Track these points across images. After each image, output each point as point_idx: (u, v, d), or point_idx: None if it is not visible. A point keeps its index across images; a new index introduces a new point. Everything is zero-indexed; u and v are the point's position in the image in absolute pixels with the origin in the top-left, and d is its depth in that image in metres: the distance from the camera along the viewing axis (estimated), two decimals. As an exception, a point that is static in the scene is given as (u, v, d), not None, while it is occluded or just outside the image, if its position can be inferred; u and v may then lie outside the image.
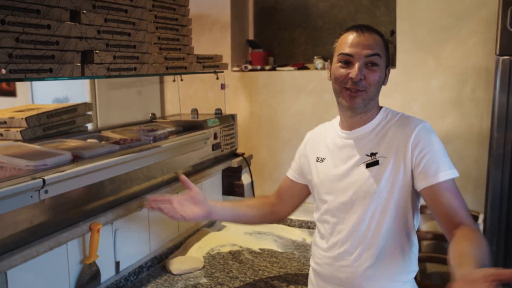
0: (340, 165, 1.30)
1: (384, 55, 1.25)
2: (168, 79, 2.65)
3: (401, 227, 1.25)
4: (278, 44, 3.16)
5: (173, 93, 2.76)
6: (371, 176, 1.23)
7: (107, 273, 1.58)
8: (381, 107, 1.33)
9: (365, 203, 1.24)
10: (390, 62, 1.33)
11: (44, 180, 1.25)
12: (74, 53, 1.48)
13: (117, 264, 1.63)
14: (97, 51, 1.55)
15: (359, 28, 1.25)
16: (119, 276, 1.61)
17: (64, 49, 1.45)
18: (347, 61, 1.24)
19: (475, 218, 2.45)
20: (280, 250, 1.89)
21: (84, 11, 1.52)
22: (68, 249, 1.44)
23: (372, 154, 1.25)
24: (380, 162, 1.23)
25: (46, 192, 1.27)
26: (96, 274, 1.53)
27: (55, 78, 1.47)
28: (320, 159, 1.37)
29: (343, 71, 1.24)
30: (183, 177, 1.50)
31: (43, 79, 1.46)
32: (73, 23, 1.48)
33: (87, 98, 2.21)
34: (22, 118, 1.65)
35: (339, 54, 1.26)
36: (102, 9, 1.60)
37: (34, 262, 1.31)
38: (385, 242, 1.24)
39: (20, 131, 1.63)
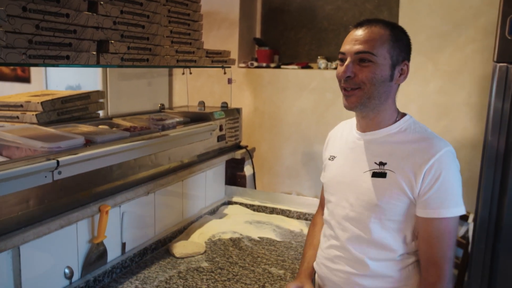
0: (347, 167, 1.26)
1: (388, 51, 1.14)
2: (177, 71, 2.72)
3: (400, 244, 1.19)
4: (284, 43, 3.24)
5: (181, 85, 2.83)
6: (375, 187, 1.17)
7: (113, 253, 1.65)
8: (404, 114, 1.25)
9: (365, 212, 1.19)
10: (406, 60, 1.19)
11: (58, 162, 1.31)
12: (91, 42, 1.54)
13: (123, 245, 1.70)
14: (112, 41, 1.61)
15: (360, 23, 1.18)
16: (124, 257, 1.68)
17: (81, 37, 1.51)
18: (342, 59, 1.19)
19: (465, 217, 2.53)
20: (278, 239, 1.97)
21: (102, 2, 1.58)
22: (78, 228, 1.50)
23: (381, 164, 1.18)
24: (388, 175, 1.16)
25: (59, 173, 1.33)
26: (103, 253, 1.60)
27: (72, 65, 1.53)
28: (331, 157, 1.33)
29: (339, 69, 1.19)
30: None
31: (60, 65, 1.53)
32: (90, 13, 1.55)
33: (99, 87, 2.28)
34: (38, 103, 1.72)
35: (338, 53, 1.21)
36: (119, 1, 1.67)
37: (46, 239, 1.37)
38: (379, 256, 1.20)
39: (36, 115, 1.70)
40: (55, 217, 1.40)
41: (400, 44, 1.17)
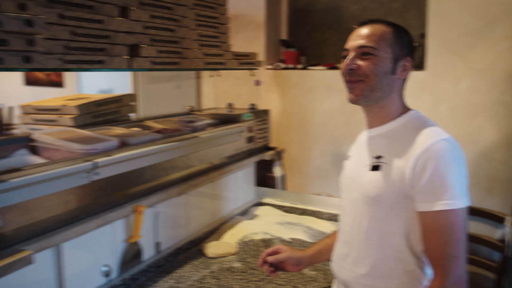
0: (355, 163, 1.28)
1: (389, 46, 1.18)
2: (204, 74, 2.76)
3: (404, 243, 1.15)
4: (310, 44, 3.23)
5: (208, 88, 2.87)
6: (372, 181, 1.17)
7: (148, 253, 1.68)
8: (410, 110, 1.24)
9: (366, 208, 1.19)
10: (408, 56, 1.21)
11: (95, 163, 1.36)
12: (123, 46, 1.59)
13: (158, 244, 1.73)
14: (143, 45, 1.65)
15: (363, 22, 1.23)
16: (159, 256, 1.70)
17: (114, 42, 1.56)
18: (345, 56, 1.22)
19: (501, 219, 2.47)
20: (310, 240, 1.96)
21: (133, 8, 1.62)
22: (114, 228, 1.54)
23: (378, 157, 1.19)
24: (382, 167, 1.16)
25: (97, 174, 1.38)
26: (139, 252, 1.63)
27: (105, 69, 1.58)
28: (347, 156, 1.36)
29: (342, 64, 1.22)
30: (269, 259, 1.40)
31: (94, 69, 1.57)
32: (122, 18, 1.59)
33: (129, 90, 2.33)
34: (74, 106, 1.77)
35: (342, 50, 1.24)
36: (149, 6, 1.71)
37: (84, 238, 1.41)
38: (382, 255, 1.18)
39: (72, 118, 1.75)
40: (93, 216, 1.44)
41: (402, 41, 1.20)
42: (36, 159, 1.53)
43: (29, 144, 1.57)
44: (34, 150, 1.56)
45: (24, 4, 1.26)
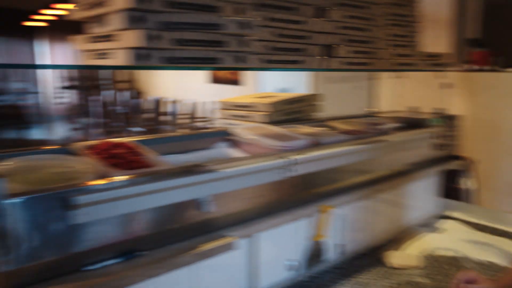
0: None
1: None
2: (382, 75, 2.67)
3: None
4: (507, 44, 2.87)
5: (385, 89, 2.77)
6: None
7: (331, 253, 1.68)
8: None
9: None
10: None
11: (295, 160, 1.40)
12: (319, 46, 1.60)
13: (339, 246, 1.71)
14: (339, 45, 1.65)
15: None
16: (342, 258, 1.69)
17: (311, 43, 1.58)
18: None
19: None
20: (505, 265, 1.73)
21: (331, 8, 1.62)
22: (300, 225, 1.56)
23: None
24: None
25: (294, 170, 1.41)
26: (322, 252, 1.63)
27: (302, 69, 1.62)
28: None
29: None
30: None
31: (291, 69, 1.62)
32: (320, 19, 1.60)
33: (303, 90, 2.36)
34: (267, 104, 1.86)
35: None
36: (344, 6, 1.69)
37: (275, 231, 1.46)
38: None
39: (266, 115, 1.84)
40: (283, 212, 1.48)
41: None
42: (235, 152, 1.64)
43: (226, 137, 1.70)
44: (231, 143, 1.68)
45: (240, 8, 1.36)
